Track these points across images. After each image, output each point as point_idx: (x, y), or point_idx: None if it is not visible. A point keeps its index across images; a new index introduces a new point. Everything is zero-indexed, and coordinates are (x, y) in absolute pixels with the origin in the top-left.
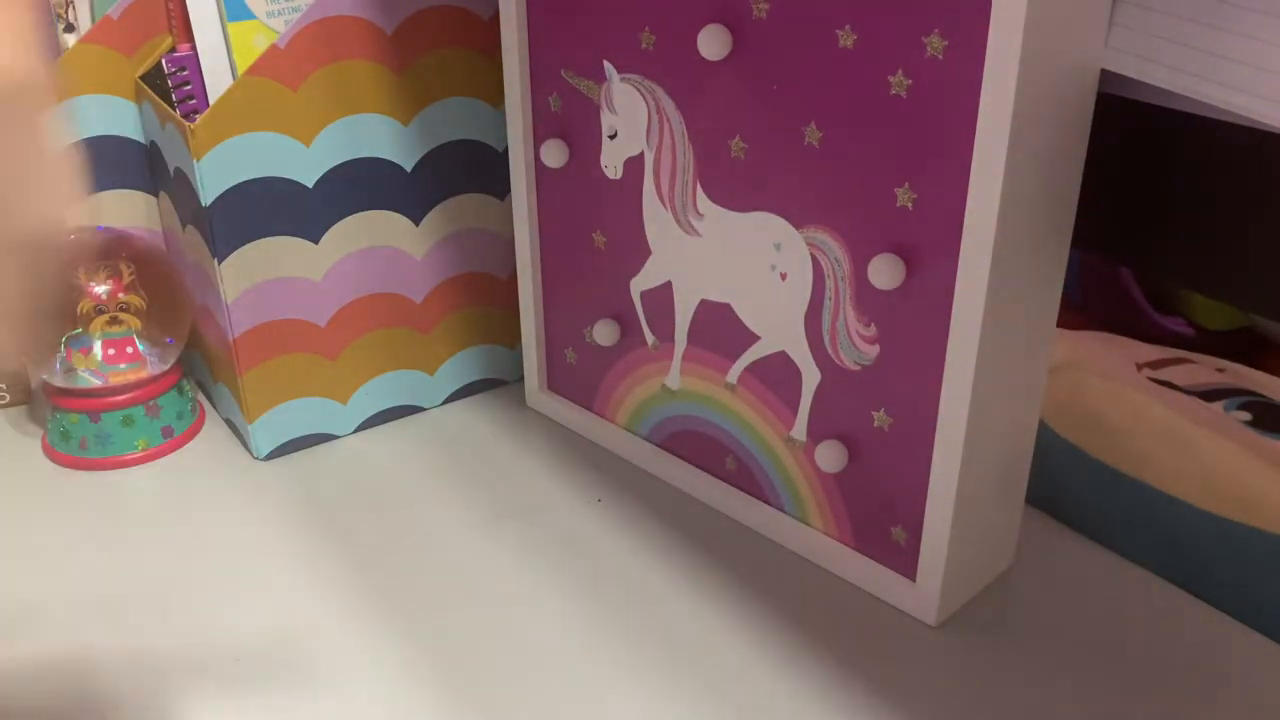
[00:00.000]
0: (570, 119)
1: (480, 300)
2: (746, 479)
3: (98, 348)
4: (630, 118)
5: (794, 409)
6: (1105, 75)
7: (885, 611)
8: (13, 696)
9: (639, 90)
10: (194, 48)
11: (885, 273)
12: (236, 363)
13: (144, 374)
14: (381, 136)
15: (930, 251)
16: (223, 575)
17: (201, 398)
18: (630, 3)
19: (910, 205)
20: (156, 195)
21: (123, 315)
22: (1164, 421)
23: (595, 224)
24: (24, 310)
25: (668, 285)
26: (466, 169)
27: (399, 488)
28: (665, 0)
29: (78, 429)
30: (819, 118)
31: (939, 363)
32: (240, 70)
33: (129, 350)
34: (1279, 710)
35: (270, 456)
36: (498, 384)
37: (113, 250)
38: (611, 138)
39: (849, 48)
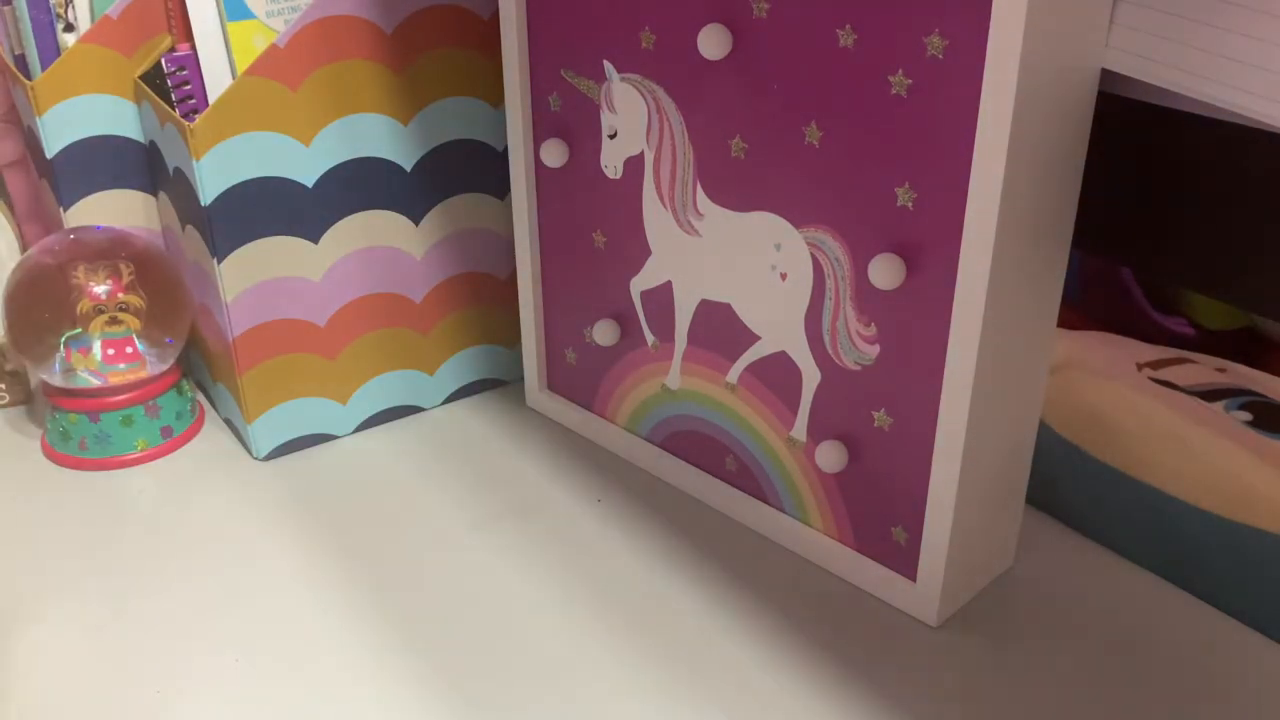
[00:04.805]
0: (570, 119)
1: (480, 300)
2: (746, 479)
3: (97, 348)
4: (630, 117)
5: (794, 409)
6: (1105, 75)
7: (885, 611)
8: (12, 695)
9: (639, 90)
10: (193, 47)
11: (885, 273)
12: (236, 363)
13: (143, 374)
14: (381, 136)
15: (930, 251)
16: (222, 575)
17: (201, 398)
18: (630, 3)
19: (910, 205)
20: (156, 195)
21: (122, 315)
22: (1164, 421)
23: (595, 224)
24: None
25: (668, 285)
26: (466, 169)
27: (398, 488)
28: (665, 0)
29: (77, 429)
30: (819, 117)
31: (939, 363)
32: (240, 70)
33: (128, 350)
34: (1279, 710)
35: (270, 456)
36: (498, 384)
37: (113, 250)
38: (611, 137)
39: (849, 47)
